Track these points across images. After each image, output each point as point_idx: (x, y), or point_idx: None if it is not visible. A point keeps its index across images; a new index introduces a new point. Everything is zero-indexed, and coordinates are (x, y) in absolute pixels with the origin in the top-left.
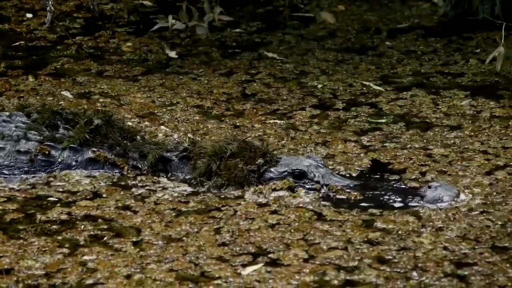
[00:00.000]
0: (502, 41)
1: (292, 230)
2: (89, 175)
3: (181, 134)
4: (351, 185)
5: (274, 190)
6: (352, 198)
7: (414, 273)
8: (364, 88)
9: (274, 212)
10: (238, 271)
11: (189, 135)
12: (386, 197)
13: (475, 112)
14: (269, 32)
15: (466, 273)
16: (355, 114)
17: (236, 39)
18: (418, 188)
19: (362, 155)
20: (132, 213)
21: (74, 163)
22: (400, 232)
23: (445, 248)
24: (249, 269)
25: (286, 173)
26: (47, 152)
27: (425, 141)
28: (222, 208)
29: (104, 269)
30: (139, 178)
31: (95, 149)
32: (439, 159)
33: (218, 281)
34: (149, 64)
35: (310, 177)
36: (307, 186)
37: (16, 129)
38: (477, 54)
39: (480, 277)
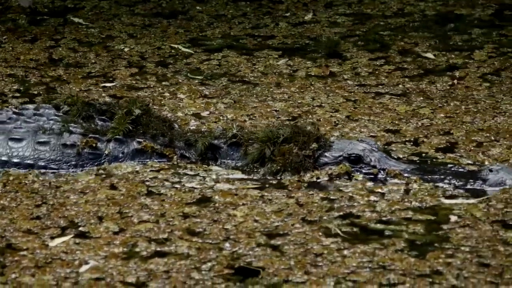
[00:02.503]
0: None
1: (110, 204)
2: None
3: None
4: (408, 169)
5: (331, 175)
6: (411, 182)
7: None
8: (173, 51)
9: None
10: (46, 243)
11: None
12: (447, 181)
13: (291, 71)
14: None
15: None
16: (174, 71)
17: (47, 6)
18: (478, 171)
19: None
20: None
21: (121, 155)
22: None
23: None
24: (57, 241)
25: (341, 157)
26: (94, 145)
27: (255, 96)
28: None
29: None
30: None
31: (140, 140)
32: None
33: (24, 253)
34: None
35: (366, 162)
36: (364, 171)
37: (54, 122)
38: (286, 18)
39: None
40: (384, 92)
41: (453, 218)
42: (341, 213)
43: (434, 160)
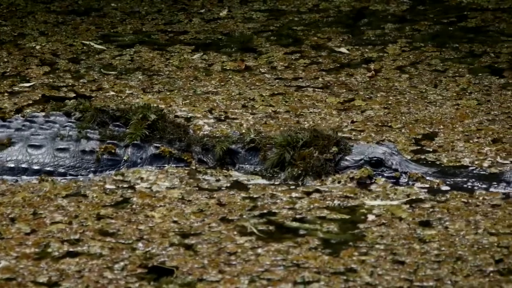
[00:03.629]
0: None
1: (25, 206)
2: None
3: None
4: (430, 172)
5: (352, 179)
6: (435, 186)
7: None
8: (85, 47)
9: None
10: None
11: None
12: (470, 183)
13: (207, 65)
14: None
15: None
16: (86, 67)
17: None
18: (501, 173)
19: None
20: None
21: (139, 160)
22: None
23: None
24: None
25: (362, 161)
26: (113, 151)
27: (177, 90)
28: None
29: None
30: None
31: (158, 145)
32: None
33: None
34: None
35: (388, 165)
36: (386, 174)
37: (70, 129)
38: (201, 14)
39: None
40: (305, 85)
41: (370, 218)
42: (262, 212)
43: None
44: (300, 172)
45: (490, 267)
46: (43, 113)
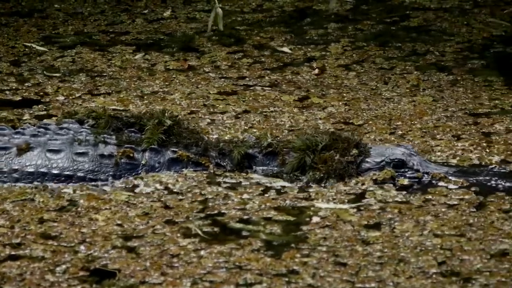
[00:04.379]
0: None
1: None
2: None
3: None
4: (450, 172)
5: (375, 180)
6: (459, 185)
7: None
8: (27, 49)
9: None
10: None
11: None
12: (493, 182)
13: (150, 65)
14: None
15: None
16: (28, 69)
17: None
18: None
19: None
20: None
21: (157, 164)
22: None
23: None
24: None
25: (383, 163)
26: (131, 155)
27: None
28: None
29: None
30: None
31: (175, 149)
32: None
33: None
34: None
35: (409, 166)
36: (408, 175)
37: (87, 134)
38: (144, 15)
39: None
40: (252, 84)
41: (314, 220)
42: (212, 212)
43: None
44: (322, 175)
45: (433, 269)
46: (55, 121)
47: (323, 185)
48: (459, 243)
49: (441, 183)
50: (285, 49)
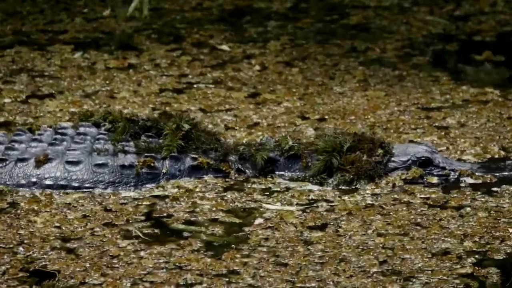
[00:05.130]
0: None
1: None
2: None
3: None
4: (475, 168)
5: (405, 180)
6: (487, 181)
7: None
8: None
9: None
10: None
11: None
12: None
13: (90, 64)
14: None
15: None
16: None
17: None
18: None
19: None
20: None
21: (177, 172)
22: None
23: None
24: None
25: (410, 161)
26: (152, 164)
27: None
28: None
29: None
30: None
31: (195, 156)
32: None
33: None
34: None
35: (435, 164)
36: (435, 173)
37: (105, 142)
38: (84, 14)
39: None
40: (195, 81)
41: (257, 221)
42: (160, 215)
43: None
44: (352, 176)
45: (374, 268)
46: (71, 124)
47: (353, 186)
48: (401, 242)
49: (468, 179)
50: (224, 47)
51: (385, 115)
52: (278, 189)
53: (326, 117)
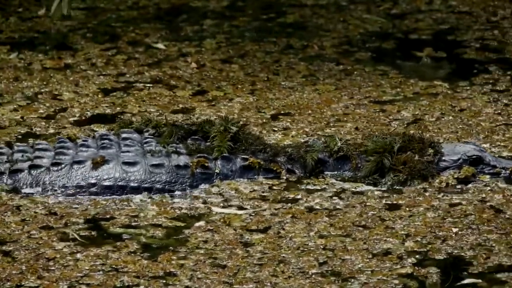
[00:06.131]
0: None
1: None
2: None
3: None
4: None
5: (457, 179)
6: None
7: None
8: None
9: None
10: None
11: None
12: None
13: (26, 64)
14: None
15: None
16: None
17: None
18: None
19: None
20: None
21: (230, 172)
22: None
23: None
24: None
25: (461, 160)
26: (206, 164)
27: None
28: None
29: None
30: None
31: (246, 156)
32: None
33: None
34: None
35: (486, 162)
36: (486, 171)
37: (155, 145)
38: (19, 13)
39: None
40: (134, 80)
41: (198, 224)
42: (104, 217)
43: None
44: (406, 176)
45: (313, 269)
46: (112, 131)
47: (407, 186)
48: (343, 243)
49: None
50: (160, 45)
51: (341, 109)
52: (335, 190)
53: (282, 112)
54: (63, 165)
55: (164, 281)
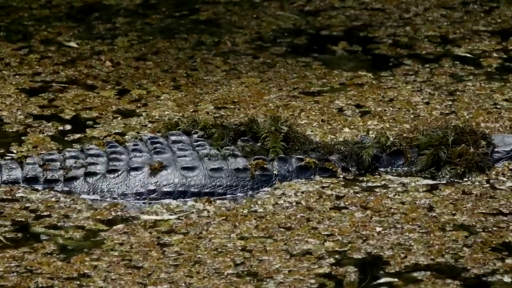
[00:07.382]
0: None
1: None
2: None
3: None
4: None
5: None
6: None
7: None
8: None
9: None
10: None
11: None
12: None
13: None
14: None
15: None
16: None
17: None
18: None
19: None
20: None
21: (287, 173)
22: None
23: None
24: None
25: None
26: (265, 166)
27: None
28: None
29: None
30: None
31: (301, 156)
32: None
33: None
34: None
35: None
36: None
37: (210, 148)
38: None
39: None
40: (50, 80)
41: (116, 227)
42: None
43: None
44: (463, 169)
45: (229, 270)
46: (159, 134)
47: (466, 179)
48: (263, 244)
49: None
50: (72, 44)
51: (276, 100)
52: (396, 185)
53: (219, 105)
54: (119, 172)
55: (78, 283)
